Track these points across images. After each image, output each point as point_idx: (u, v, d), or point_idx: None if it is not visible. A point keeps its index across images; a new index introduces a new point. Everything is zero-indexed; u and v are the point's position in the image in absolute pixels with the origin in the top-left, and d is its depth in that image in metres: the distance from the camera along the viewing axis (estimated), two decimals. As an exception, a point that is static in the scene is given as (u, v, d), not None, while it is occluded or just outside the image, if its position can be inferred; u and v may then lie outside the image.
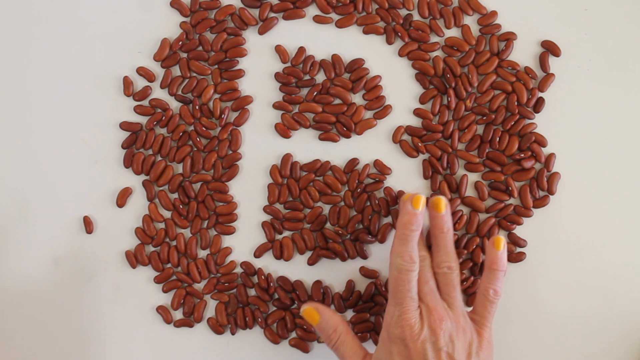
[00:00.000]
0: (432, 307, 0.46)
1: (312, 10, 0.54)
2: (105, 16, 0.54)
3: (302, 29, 0.54)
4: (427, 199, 0.49)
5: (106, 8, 0.54)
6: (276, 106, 0.54)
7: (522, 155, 0.53)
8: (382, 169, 0.53)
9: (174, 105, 0.54)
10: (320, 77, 0.54)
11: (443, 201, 0.49)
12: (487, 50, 0.53)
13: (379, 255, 0.53)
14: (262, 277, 0.53)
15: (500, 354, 0.52)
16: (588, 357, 0.53)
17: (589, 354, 0.53)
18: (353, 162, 0.53)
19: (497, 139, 0.53)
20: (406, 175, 0.53)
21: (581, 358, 0.53)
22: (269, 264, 0.54)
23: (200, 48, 0.54)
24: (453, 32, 0.54)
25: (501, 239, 0.49)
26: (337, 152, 0.54)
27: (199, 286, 0.54)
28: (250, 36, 0.54)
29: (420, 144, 0.53)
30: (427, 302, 0.46)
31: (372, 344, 0.53)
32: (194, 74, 0.54)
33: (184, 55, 0.54)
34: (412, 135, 0.53)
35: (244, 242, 0.54)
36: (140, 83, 0.54)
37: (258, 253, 0.54)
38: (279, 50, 0.54)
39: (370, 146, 0.54)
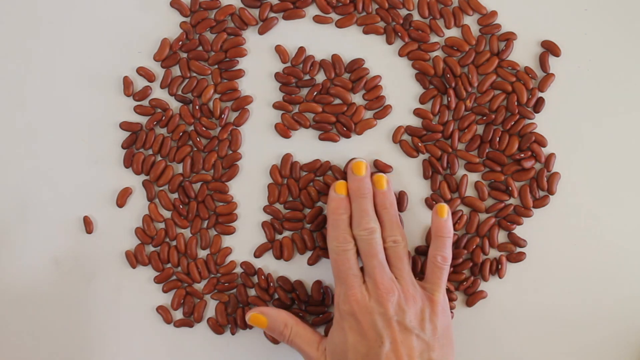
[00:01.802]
0: (379, 281, 0.47)
1: (312, 10, 0.54)
2: (105, 16, 0.54)
3: (302, 29, 0.54)
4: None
5: (106, 8, 0.54)
6: (276, 106, 0.54)
7: (522, 155, 0.53)
8: (382, 168, 0.53)
9: (174, 105, 0.54)
10: (320, 77, 0.54)
11: (383, 179, 0.51)
12: (487, 50, 0.53)
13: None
14: (262, 277, 0.53)
15: (500, 353, 0.52)
16: (588, 356, 0.53)
17: (589, 353, 0.53)
18: (353, 162, 0.53)
19: (497, 139, 0.53)
20: (406, 175, 0.53)
21: (581, 358, 0.53)
22: (269, 264, 0.54)
23: (200, 48, 0.54)
24: (453, 32, 0.54)
25: (444, 206, 0.50)
26: (337, 152, 0.54)
27: (199, 286, 0.54)
28: (250, 36, 0.54)
29: (420, 144, 0.53)
30: (374, 276, 0.47)
31: (372, 344, 0.53)
32: (194, 74, 0.54)
33: (184, 55, 0.54)
34: (412, 135, 0.53)
35: (244, 242, 0.54)
36: (140, 83, 0.54)
37: (258, 253, 0.54)
38: (279, 50, 0.54)
39: (370, 146, 0.54)
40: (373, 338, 0.46)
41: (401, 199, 0.53)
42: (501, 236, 0.53)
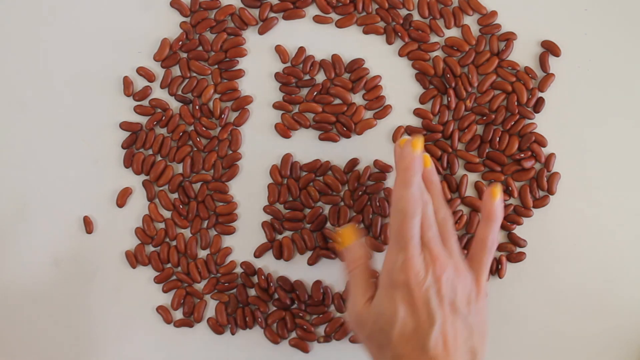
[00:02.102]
0: (436, 254, 0.45)
1: (312, 10, 0.54)
2: (105, 16, 0.54)
3: (302, 29, 0.54)
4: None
5: (106, 8, 0.54)
6: (276, 106, 0.54)
7: (522, 155, 0.53)
8: (383, 168, 0.53)
9: (174, 105, 0.54)
10: (320, 77, 0.54)
11: (428, 158, 0.48)
12: (487, 50, 0.53)
13: (379, 255, 0.53)
14: (262, 277, 0.53)
15: (500, 353, 0.52)
16: (588, 356, 0.53)
17: (589, 353, 0.53)
18: (353, 162, 0.53)
19: (497, 139, 0.53)
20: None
21: (581, 358, 0.53)
22: (269, 264, 0.54)
23: (200, 48, 0.54)
24: (453, 32, 0.54)
25: (498, 188, 0.47)
26: (337, 152, 0.54)
27: (199, 286, 0.54)
28: (250, 36, 0.54)
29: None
30: (431, 248, 0.45)
31: (372, 344, 0.53)
32: (194, 74, 0.54)
33: (184, 55, 0.54)
34: (412, 135, 0.53)
35: (244, 242, 0.54)
36: (140, 83, 0.54)
37: (258, 253, 0.54)
38: (279, 50, 0.54)
39: (370, 146, 0.54)
40: (425, 316, 0.43)
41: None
42: (501, 236, 0.53)
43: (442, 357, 0.43)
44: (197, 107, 0.54)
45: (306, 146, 0.54)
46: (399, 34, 0.53)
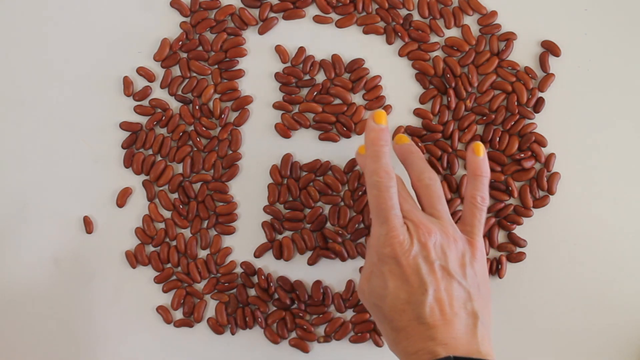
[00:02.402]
0: (418, 222, 0.44)
1: (312, 10, 0.54)
2: (105, 16, 0.54)
3: (302, 29, 0.54)
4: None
5: (106, 8, 0.54)
6: (276, 106, 0.54)
7: (522, 155, 0.53)
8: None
9: (174, 105, 0.54)
10: (320, 77, 0.54)
11: (404, 135, 0.48)
12: (487, 50, 0.53)
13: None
14: (262, 277, 0.53)
15: (499, 353, 0.52)
16: (588, 356, 0.53)
17: (589, 352, 0.53)
18: (353, 162, 0.53)
19: (497, 139, 0.53)
20: (406, 175, 0.53)
21: (581, 357, 0.53)
22: (269, 264, 0.54)
23: (200, 48, 0.54)
24: (453, 32, 0.54)
25: (480, 144, 0.47)
26: (337, 152, 0.54)
27: (199, 286, 0.54)
28: (250, 36, 0.54)
29: (420, 144, 0.53)
30: (412, 217, 0.44)
31: (373, 344, 0.53)
32: (194, 74, 0.54)
33: (184, 55, 0.54)
34: (412, 135, 0.53)
35: (244, 242, 0.54)
36: (140, 83, 0.54)
37: (258, 253, 0.54)
38: (279, 50, 0.54)
39: (370, 146, 0.54)
40: (416, 284, 0.43)
41: None
42: (501, 236, 0.53)
43: (441, 325, 0.42)
44: (197, 107, 0.54)
45: (306, 146, 0.54)
46: (399, 34, 0.53)
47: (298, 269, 0.54)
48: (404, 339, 0.43)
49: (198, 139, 0.53)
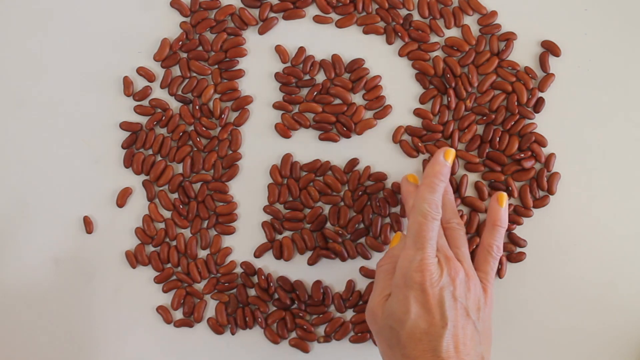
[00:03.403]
0: (450, 257, 0.46)
1: (312, 10, 0.54)
2: (105, 16, 0.54)
3: (302, 29, 0.54)
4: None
5: (106, 8, 0.54)
6: (276, 106, 0.54)
7: (522, 155, 0.53)
8: (379, 177, 0.53)
9: (174, 105, 0.54)
10: (320, 77, 0.54)
11: (447, 159, 0.49)
12: (487, 50, 0.53)
13: (379, 255, 0.53)
14: (262, 277, 0.53)
15: (499, 353, 0.52)
16: (588, 356, 0.53)
17: (589, 353, 0.53)
18: (353, 162, 0.53)
19: (497, 139, 0.53)
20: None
21: (581, 357, 0.53)
22: (269, 264, 0.54)
23: (200, 48, 0.54)
24: (453, 32, 0.54)
25: (504, 195, 0.50)
26: (337, 152, 0.54)
27: (199, 286, 0.54)
28: (250, 36, 0.54)
29: (420, 144, 0.53)
30: (445, 252, 0.46)
31: (372, 344, 0.53)
32: (194, 74, 0.54)
33: (184, 55, 0.54)
34: (412, 135, 0.53)
35: (244, 242, 0.54)
36: (140, 83, 0.54)
37: (258, 253, 0.54)
38: (279, 50, 0.54)
39: (370, 146, 0.54)
40: (438, 317, 0.43)
41: (403, 205, 0.53)
42: (501, 236, 0.53)
43: None
44: (197, 107, 0.54)
45: (306, 146, 0.54)
46: (399, 34, 0.53)
47: (298, 269, 0.54)
48: None
49: (198, 139, 0.53)
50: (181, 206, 0.54)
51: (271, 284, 0.53)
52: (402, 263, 0.45)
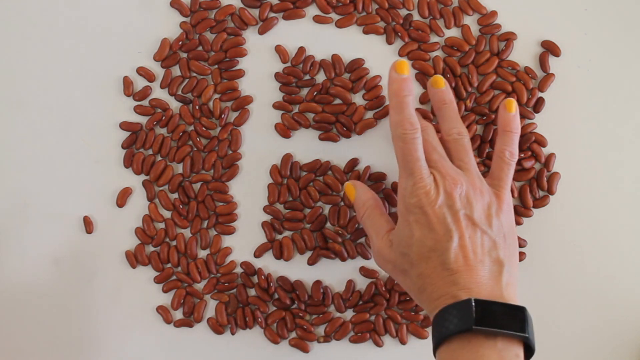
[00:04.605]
0: (445, 172, 0.45)
1: (312, 10, 0.54)
2: (105, 16, 0.54)
3: (302, 29, 0.54)
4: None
5: (106, 8, 0.54)
6: (276, 106, 0.54)
7: (522, 155, 0.53)
8: (379, 177, 0.53)
9: (174, 105, 0.54)
10: (320, 77, 0.54)
11: (441, 79, 0.49)
12: (487, 50, 0.53)
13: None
14: (262, 277, 0.53)
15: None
16: (588, 356, 0.53)
17: (588, 353, 0.53)
18: (353, 162, 0.53)
19: (497, 139, 0.53)
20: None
21: (581, 356, 0.53)
22: (269, 264, 0.54)
23: (200, 48, 0.54)
24: (453, 32, 0.54)
25: (513, 100, 0.49)
26: (337, 152, 0.54)
27: (199, 286, 0.54)
28: (250, 36, 0.54)
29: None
30: (439, 168, 0.46)
31: (372, 344, 0.53)
32: (194, 74, 0.54)
33: (184, 55, 0.54)
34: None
35: (244, 242, 0.54)
36: (140, 83, 0.54)
37: (258, 253, 0.54)
38: (279, 50, 0.54)
39: (370, 146, 0.54)
40: (441, 232, 0.44)
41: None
42: (501, 236, 0.53)
43: (464, 271, 0.43)
44: (197, 107, 0.54)
45: (306, 146, 0.54)
46: (399, 34, 0.53)
47: (298, 269, 0.54)
48: (429, 285, 0.44)
49: (198, 139, 0.53)
50: (181, 206, 0.54)
51: (271, 284, 0.53)
52: (399, 192, 0.46)
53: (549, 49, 0.53)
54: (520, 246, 0.53)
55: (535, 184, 0.53)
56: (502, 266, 0.44)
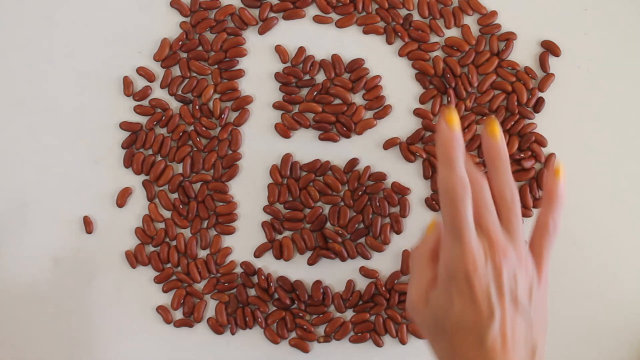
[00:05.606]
0: (495, 241, 0.41)
1: (312, 10, 0.54)
2: (105, 16, 0.54)
3: (302, 29, 0.54)
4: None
5: (106, 8, 0.54)
6: (276, 106, 0.54)
7: (522, 155, 0.53)
8: (400, 190, 0.53)
9: (174, 105, 0.54)
10: (320, 77, 0.54)
11: (497, 127, 0.43)
12: (487, 50, 0.53)
13: (379, 255, 0.53)
14: (262, 277, 0.53)
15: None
16: (588, 356, 0.53)
17: (589, 353, 0.53)
18: (353, 162, 0.53)
19: (497, 139, 0.53)
20: (406, 175, 0.53)
21: (581, 357, 0.53)
22: (269, 264, 0.54)
23: (200, 48, 0.54)
24: (453, 32, 0.54)
25: (561, 166, 0.44)
26: (337, 152, 0.54)
27: (199, 286, 0.54)
28: (250, 36, 0.54)
29: (419, 149, 0.53)
30: (489, 231, 0.41)
31: (372, 344, 0.53)
32: (194, 74, 0.54)
33: (184, 55, 0.54)
34: (409, 144, 0.53)
35: (244, 242, 0.54)
36: (140, 83, 0.54)
37: (258, 253, 0.54)
38: (279, 50, 0.54)
39: (370, 146, 0.54)
40: (484, 310, 0.40)
41: (403, 205, 0.53)
42: (501, 236, 0.53)
43: (500, 353, 0.40)
44: (197, 107, 0.54)
45: (306, 146, 0.54)
46: (399, 34, 0.53)
47: (298, 269, 0.54)
48: (459, 358, 0.41)
49: (198, 139, 0.53)
50: (181, 206, 0.54)
51: (271, 284, 0.53)
52: (443, 255, 0.42)
53: (549, 49, 0.53)
54: (520, 246, 0.53)
55: (535, 184, 0.53)
56: (536, 348, 0.42)
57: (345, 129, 0.53)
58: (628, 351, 0.53)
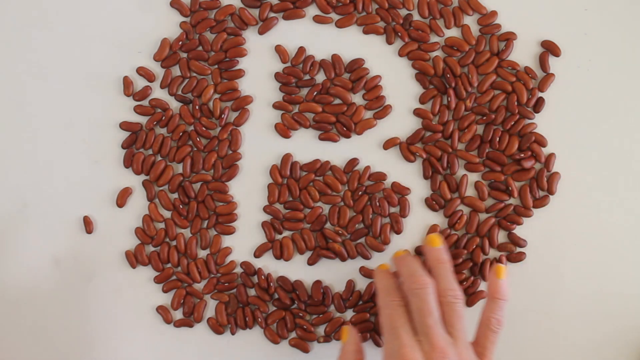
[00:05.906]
0: (435, 343, 0.43)
1: (312, 10, 0.54)
2: (105, 16, 0.54)
3: (302, 29, 0.54)
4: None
5: (106, 8, 0.54)
6: (276, 106, 0.54)
7: (522, 155, 0.53)
8: (400, 190, 0.53)
9: (174, 105, 0.54)
10: (320, 77, 0.54)
11: (437, 237, 0.49)
12: (487, 50, 0.53)
13: (379, 255, 0.53)
14: (262, 277, 0.53)
15: (500, 353, 0.52)
16: (588, 356, 0.53)
17: (589, 353, 0.53)
18: (353, 162, 0.53)
19: (497, 139, 0.53)
20: (406, 176, 0.53)
21: (581, 357, 0.53)
22: (269, 264, 0.54)
23: (200, 48, 0.54)
24: (453, 32, 0.54)
25: (502, 266, 0.48)
26: (337, 152, 0.54)
27: (199, 286, 0.54)
28: (250, 36, 0.54)
29: (419, 149, 0.53)
30: (431, 336, 0.44)
31: (372, 344, 0.53)
32: (194, 74, 0.54)
33: (184, 55, 0.54)
34: (409, 144, 0.53)
35: (244, 242, 0.54)
36: (140, 83, 0.54)
37: (258, 253, 0.54)
38: (279, 50, 0.54)
39: (370, 146, 0.54)
40: None
41: (403, 205, 0.53)
42: (501, 236, 0.53)
43: None
44: (197, 107, 0.54)
45: (306, 146, 0.54)
46: (399, 34, 0.53)
47: (298, 269, 0.54)
48: None
49: (198, 139, 0.53)
50: (181, 206, 0.54)
51: (271, 284, 0.53)
52: (385, 352, 0.45)
53: (549, 49, 0.53)
54: (520, 246, 0.53)
55: (535, 184, 0.53)
56: None
57: (345, 129, 0.53)
58: (628, 351, 0.53)
